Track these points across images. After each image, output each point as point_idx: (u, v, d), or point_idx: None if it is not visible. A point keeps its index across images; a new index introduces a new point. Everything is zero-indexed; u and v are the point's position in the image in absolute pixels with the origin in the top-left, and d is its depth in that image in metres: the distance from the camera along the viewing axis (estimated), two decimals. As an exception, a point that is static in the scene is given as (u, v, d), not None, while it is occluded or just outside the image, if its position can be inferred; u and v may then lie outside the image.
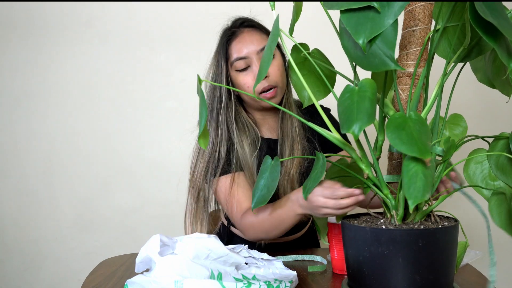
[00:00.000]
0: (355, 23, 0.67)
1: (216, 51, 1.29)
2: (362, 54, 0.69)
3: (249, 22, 1.28)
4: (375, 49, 0.68)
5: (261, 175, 0.87)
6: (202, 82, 0.86)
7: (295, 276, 0.94)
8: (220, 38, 1.29)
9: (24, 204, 2.03)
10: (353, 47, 0.71)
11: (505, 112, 2.13)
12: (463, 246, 0.90)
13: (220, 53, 1.26)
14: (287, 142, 1.29)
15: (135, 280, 0.82)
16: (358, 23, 0.67)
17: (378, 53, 0.67)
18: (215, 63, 1.28)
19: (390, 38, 0.67)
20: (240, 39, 1.24)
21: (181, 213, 2.05)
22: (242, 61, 1.23)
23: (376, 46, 0.67)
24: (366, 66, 0.70)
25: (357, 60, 0.71)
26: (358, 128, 0.68)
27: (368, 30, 0.66)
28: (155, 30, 2.02)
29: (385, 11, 0.66)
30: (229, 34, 1.26)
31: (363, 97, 0.70)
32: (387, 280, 0.74)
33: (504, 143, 0.86)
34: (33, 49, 2.00)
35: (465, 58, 0.84)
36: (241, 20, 1.29)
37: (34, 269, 2.04)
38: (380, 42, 0.67)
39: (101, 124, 2.03)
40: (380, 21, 0.66)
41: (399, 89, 0.85)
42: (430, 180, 0.70)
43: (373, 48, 0.68)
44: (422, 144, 0.68)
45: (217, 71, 1.26)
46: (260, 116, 1.34)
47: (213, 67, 1.28)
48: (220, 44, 1.27)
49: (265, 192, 0.84)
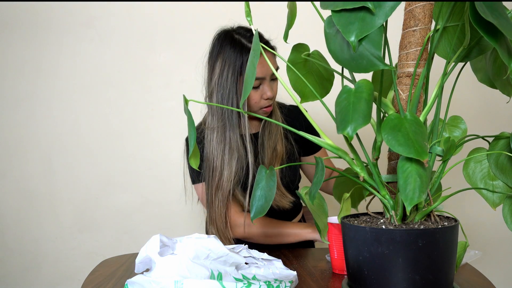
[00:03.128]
0: (345, 22, 0.68)
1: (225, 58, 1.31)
2: (349, 57, 0.69)
3: (269, 45, 1.36)
4: (362, 50, 0.68)
5: (257, 184, 0.84)
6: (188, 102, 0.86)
7: (295, 276, 0.94)
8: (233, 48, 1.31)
9: (24, 204, 2.03)
10: (339, 50, 0.70)
11: (505, 112, 2.13)
12: (463, 246, 0.90)
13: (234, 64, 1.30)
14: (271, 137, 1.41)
15: (135, 280, 0.82)
16: (349, 22, 0.67)
17: (365, 54, 0.67)
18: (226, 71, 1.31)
19: (377, 39, 0.67)
20: (261, 60, 1.28)
21: (181, 213, 2.06)
22: (257, 81, 1.31)
23: (363, 48, 0.67)
24: (354, 68, 0.69)
25: (344, 63, 0.71)
26: (352, 129, 0.67)
27: (359, 29, 0.66)
28: (155, 30, 2.02)
29: (376, 12, 0.66)
30: (247, 51, 1.30)
31: (359, 98, 0.70)
32: (387, 280, 0.74)
33: (504, 143, 0.86)
34: (33, 49, 2.00)
35: (465, 58, 0.84)
36: (262, 39, 1.34)
37: (34, 269, 2.04)
38: (367, 43, 0.67)
39: (101, 124, 2.03)
40: (371, 21, 0.66)
41: (399, 89, 0.85)
42: (425, 180, 0.69)
43: (360, 50, 0.68)
44: (418, 145, 0.68)
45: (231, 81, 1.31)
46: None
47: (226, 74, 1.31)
48: (234, 55, 1.31)
49: (263, 202, 0.82)
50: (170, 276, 0.80)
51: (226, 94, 1.30)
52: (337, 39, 0.70)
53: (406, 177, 0.70)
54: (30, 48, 2.00)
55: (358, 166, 0.83)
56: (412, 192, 0.68)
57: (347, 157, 0.84)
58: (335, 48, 0.71)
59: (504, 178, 0.85)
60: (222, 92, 1.31)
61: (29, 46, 2.00)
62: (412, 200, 0.68)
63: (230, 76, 1.30)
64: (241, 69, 1.28)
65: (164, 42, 2.03)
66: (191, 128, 0.86)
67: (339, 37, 0.70)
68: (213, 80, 1.32)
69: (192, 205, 1.53)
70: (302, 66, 0.98)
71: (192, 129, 0.86)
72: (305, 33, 1.41)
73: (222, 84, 1.31)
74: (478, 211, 2.10)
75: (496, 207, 0.87)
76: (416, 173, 0.70)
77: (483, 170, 0.88)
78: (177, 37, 2.03)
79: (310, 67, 0.98)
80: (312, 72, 0.98)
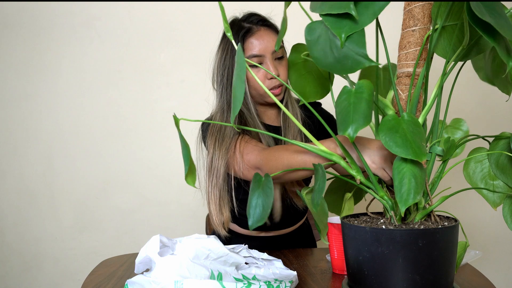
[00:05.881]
0: (334, 19, 0.68)
1: (226, 42, 1.30)
2: (333, 60, 0.69)
3: (266, 22, 1.31)
4: (347, 51, 0.68)
5: (252, 192, 0.81)
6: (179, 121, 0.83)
7: (295, 276, 0.94)
8: (233, 31, 1.28)
9: (24, 204, 2.03)
10: (323, 56, 0.71)
11: (506, 112, 2.13)
12: (463, 246, 0.90)
13: (232, 46, 1.27)
14: (290, 130, 1.35)
15: (135, 280, 0.82)
16: (338, 20, 0.68)
17: (350, 54, 0.68)
18: (230, 54, 1.28)
19: (360, 38, 0.67)
20: (257, 37, 1.26)
21: (181, 213, 2.06)
22: (256, 58, 1.26)
23: (347, 49, 0.68)
24: (339, 70, 0.69)
25: (329, 67, 0.71)
26: (353, 130, 0.67)
27: (348, 26, 0.67)
28: (155, 30, 2.02)
29: (363, 11, 0.67)
30: (245, 30, 1.27)
31: (360, 98, 0.70)
32: (387, 280, 0.74)
33: (504, 143, 0.86)
34: (32, 49, 2.00)
35: (464, 57, 0.84)
36: (257, 17, 1.30)
37: (34, 269, 2.04)
38: (350, 43, 0.67)
39: (101, 124, 2.03)
40: (360, 19, 0.67)
41: (399, 89, 0.85)
42: (420, 181, 0.69)
43: (344, 51, 0.68)
44: (416, 146, 0.68)
45: (232, 62, 1.28)
46: (261, 108, 1.38)
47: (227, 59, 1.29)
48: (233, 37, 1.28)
49: (261, 210, 0.79)
50: (170, 276, 0.80)
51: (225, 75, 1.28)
52: (319, 44, 0.71)
53: (401, 178, 0.70)
54: (30, 48, 2.00)
55: (354, 169, 0.83)
56: (407, 193, 0.68)
57: (342, 162, 0.84)
58: (318, 54, 0.71)
59: (505, 178, 0.84)
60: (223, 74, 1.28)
61: (28, 46, 2.00)
62: (406, 201, 0.68)
63: (229, 58, 1.28)
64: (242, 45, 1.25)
65: (164, 42, 2.03)
66: (185, 149, 0.83)
67: (321, 42, 0.71)
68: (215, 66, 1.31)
69: (192, 205, 1.53)
70: (302, 66, 0.98)
71: (186, 151, 0.83)
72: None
73: (223, 69, 1.29)
74: (478, 211, 2.10)
75: (496, 207, 0.87)
76: (411, 174, 0.69)
77: (484, 170, 0.88)
78: (177, 37, 2.03)
79: (310, 67, 0.98)
80: (311, 72, 0.98)
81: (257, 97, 1.32)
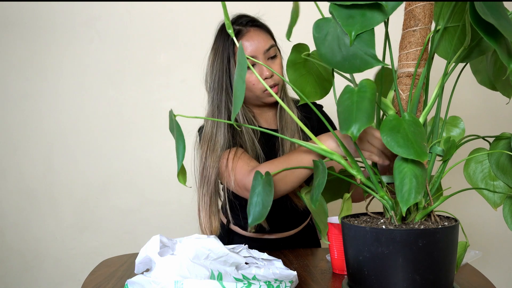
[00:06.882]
0: (346, 15, 0.68)
1: (216, 47, 1.29)
2: (341, 59, 0.68)
3: (256, 22, 1.31)
4: (355, 50, 0.67)
5: (253, 190, 0.82)
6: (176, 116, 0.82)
7: (295, 276, 0.94)
8: (223, 34, 1.29)
9: (24, 204, 2.03)
10: (330, 53, 0.70)
11: (506, 113, 2.13)
12: (463, 246, 0.90)
13: (224, 49, 1.27)
14: (287, 130, 1.35)
15: (135, 280, 0.82)
16: (349, 16, 0.67)
17: (359, 54, 0.67)
18: (220, 58, 1.28)
19: (369, 37, 0.67)
20: (248, 38, 1.26)
21: (181, 213, 2.06)
22: (249, 60, 1.24)
23: (355, 48, 0.67)
24: (347, 69, 0.69)
25: (337, 65, 0.70)
26: (357, 129, 0.67)
27: (359, 24, 0.66)
28: (155, 30, 2.02)
29: (376, 9, 0.67)
30: (235, 32, 1.26)
31: (363, 97, 0.70)
32: (387, 280, 0.74)
33: (505, 143, 0.85)
34: (32, 49, 2.00)
35: (465, 58, 0.84)
36: (246, 18, 1.30)
37: (34, 269, 2.04)
38: (359, 42, 0.67)
39: (101, 124, 2.03)
40: (372, 18, 0.66)
41: (399, 89, 0.85)
42: (421, 181, 0.69)
43: (353, 49, 0.67)
44: (418, 146, 0.68)
45: (222, 66, 1.27)
46: (257, 110, 1.37)
47: (217, 63, 1.28)
48: (223, 40, 1.28)
49: (260, 208, 0.79)
50: (170, 276, 0.80)
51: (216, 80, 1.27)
52: (327, 42, 0.70)
53: (402, 178, 0.70)
54: (30, 48, 2.00)
55: (354, 168, 0.83)
56: (408, 193, 0.68)
57: (343, 161, 0.84)
58: (326, 52, 0.71)
59: (505, 179, 0.84)
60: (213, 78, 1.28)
61: (28, 46, 2.00)
62: (407, 201, 0.68)
63: (220, 62, 1.27)
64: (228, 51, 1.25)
65: (164, 42, 2.03)
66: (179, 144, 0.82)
67: (328, 40, 0.70)
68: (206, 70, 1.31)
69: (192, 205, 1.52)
70: (302, 66, 0.98)
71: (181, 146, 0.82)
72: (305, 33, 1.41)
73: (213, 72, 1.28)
74: (479, 211, 2.10)
75: (497, 207, 0.87)
76: (412, 174, 0.69)
77: (484, 170, 0.88)
78: (177, 37, 2.03)
79: (310, 67, 0.98)
80: (312, 72, 0.98)
81: (253, 98, 1.31)
